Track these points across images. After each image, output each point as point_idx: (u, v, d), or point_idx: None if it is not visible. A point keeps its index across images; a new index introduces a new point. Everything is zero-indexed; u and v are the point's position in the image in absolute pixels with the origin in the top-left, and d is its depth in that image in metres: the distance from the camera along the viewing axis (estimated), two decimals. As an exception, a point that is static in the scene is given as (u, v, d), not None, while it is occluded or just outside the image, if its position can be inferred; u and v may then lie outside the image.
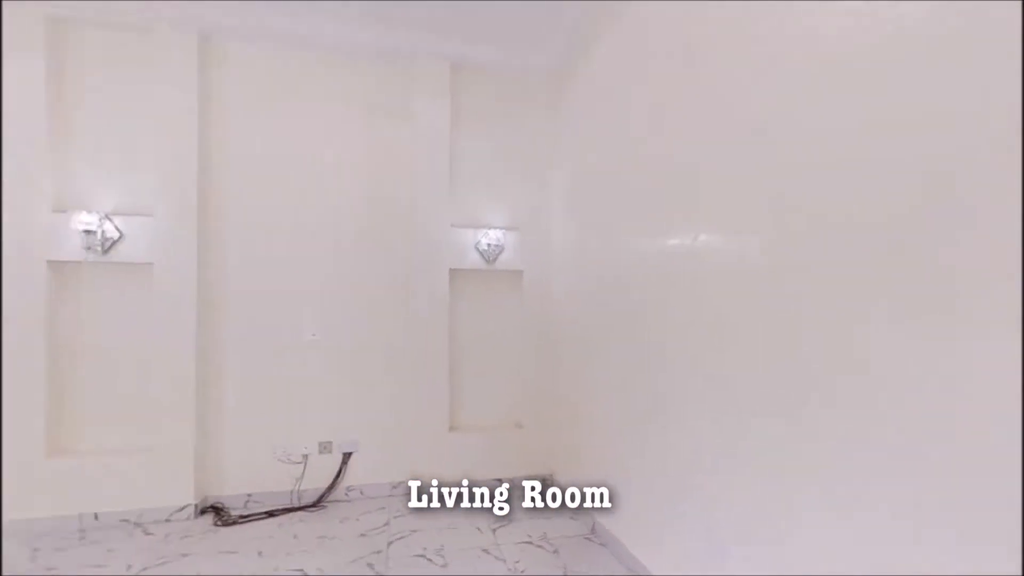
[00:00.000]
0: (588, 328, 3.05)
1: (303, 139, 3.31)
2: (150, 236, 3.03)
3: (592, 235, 3.01)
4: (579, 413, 3.15)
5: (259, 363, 3.22)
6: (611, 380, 2.71)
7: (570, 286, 3.35)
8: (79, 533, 2.79)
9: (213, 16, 3.04)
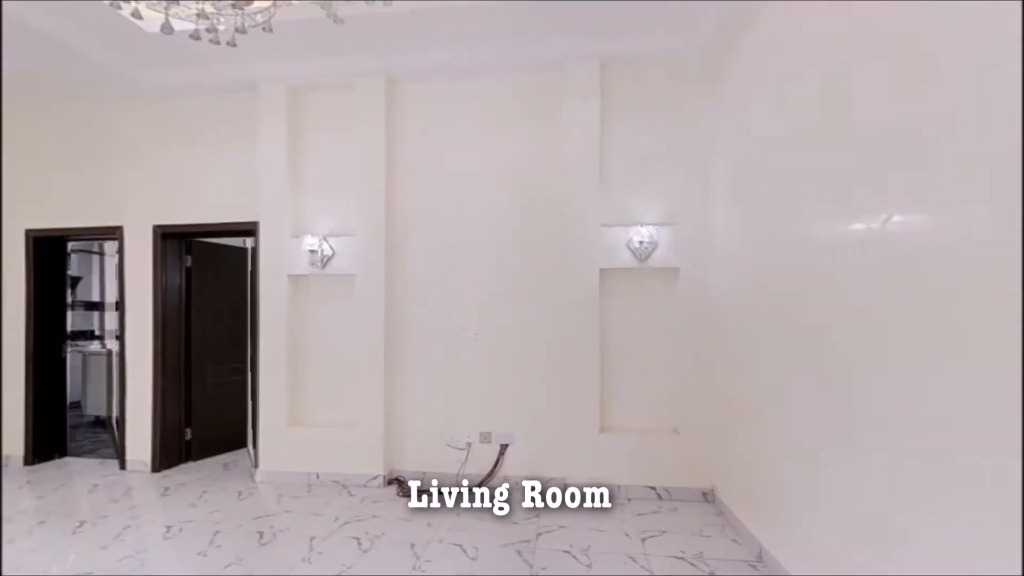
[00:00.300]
0: (754, 330, 2.69)
1: (464, 156, 3.68)
2: (353, 252, 3.72)
3: (760, 225, 2.65)
4: (744, 424, 2.79)
5: (431, 357, 3.67)
6: (782, 390, 2.34)
7: (732, 283, 3.02)
8: (307, 487, 3.57)
9: (397, 62, 3.55)
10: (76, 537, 2.81)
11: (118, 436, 4.11)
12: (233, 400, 4.37)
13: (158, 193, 4.04)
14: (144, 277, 4.04)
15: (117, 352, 4.19)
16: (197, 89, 3.87)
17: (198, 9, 1.98)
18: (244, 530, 2.87)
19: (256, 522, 2.99)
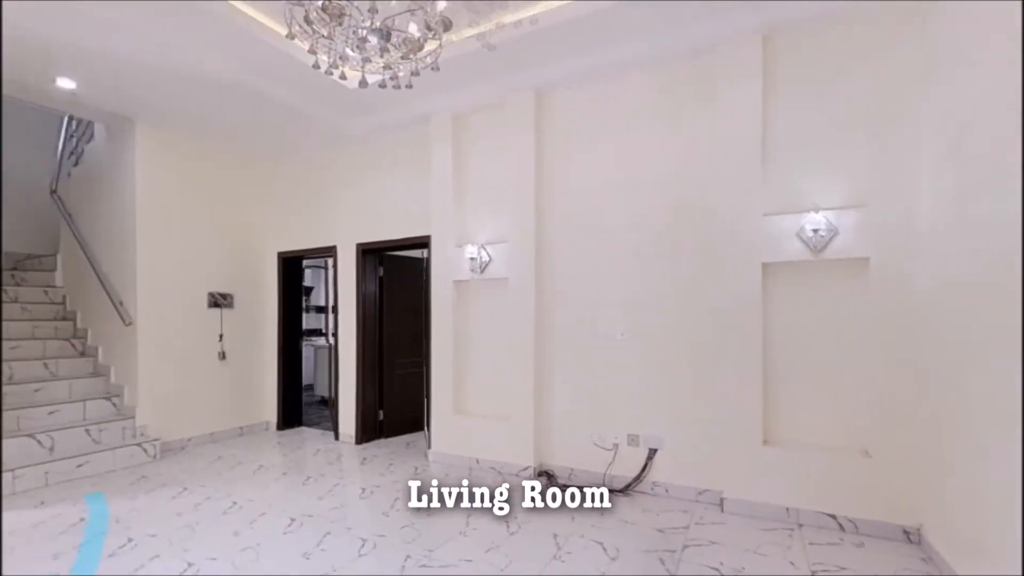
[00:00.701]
0: (983, 336, 2.10)
1: (610, 157, 3.67)
2: (506, 257, 4.02)
3: (988, 204, 2.07)
4: (973, 453, 2.19)
5: (578, 356, 3.74)
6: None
7: (946, 275, 2.41)
8: (469, 470, 3.98)
9: (545, 74, 3.69)
10: (304, 488, 3.64)
11: (333, 413, 5.15)
12: (414, 389, 5.10)
13: (358, 217, 4.96)
14: (350, 286, 5.00)
15: (332, 346, 5.27)
16: (384, 128, 4.65)
17: (384, 63, 2.40)
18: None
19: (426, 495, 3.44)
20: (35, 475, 3.61)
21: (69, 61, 3.45)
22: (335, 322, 5.16)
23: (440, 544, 2.71)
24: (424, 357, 4.41)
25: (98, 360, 4.73)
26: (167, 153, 4.67)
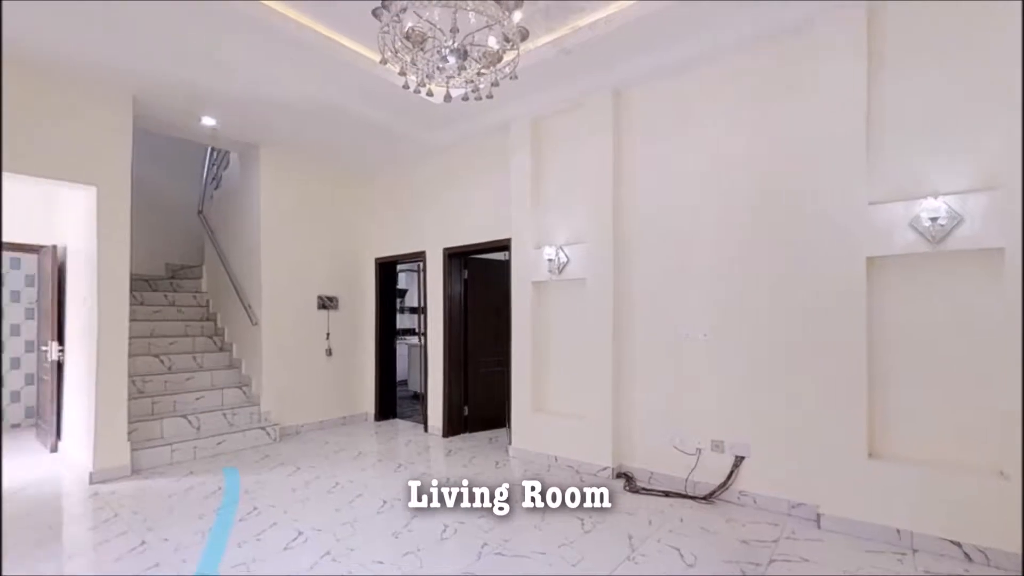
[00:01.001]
0: None
1: (690, 152, 3.55)
2: (584, 258, 4.03)
3: None
4: None
5: (658, 357, 3.65)
6: None
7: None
8: (547, 467, 4.06)
9: (622, 73, 3.62)
10: (396, 473, 3.96)
11: (423, 407, 5.50)
12: (497, 387, 5.28)
13: (444, 223, 5.27)
14: (437, 288, 5.32)
15: (422, 345, 5.64)
16: (466, 138, 4.90)
17: (466, 77, 2.50)
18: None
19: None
20: (186, 449, 4.32)
21: (210, 104, 4.13)
22: (424, 322, 5.51)
23: (515, 535, 2.81)
24: (506, 356, 4.57)
25: (233, 355, 5.53)
26: (284, 174, 5.34)
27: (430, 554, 2.59)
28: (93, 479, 3.72)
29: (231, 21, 2.98)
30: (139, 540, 2.77)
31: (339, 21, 3.17)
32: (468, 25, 2.32)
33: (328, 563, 2.50)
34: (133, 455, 3.97)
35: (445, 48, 2.33)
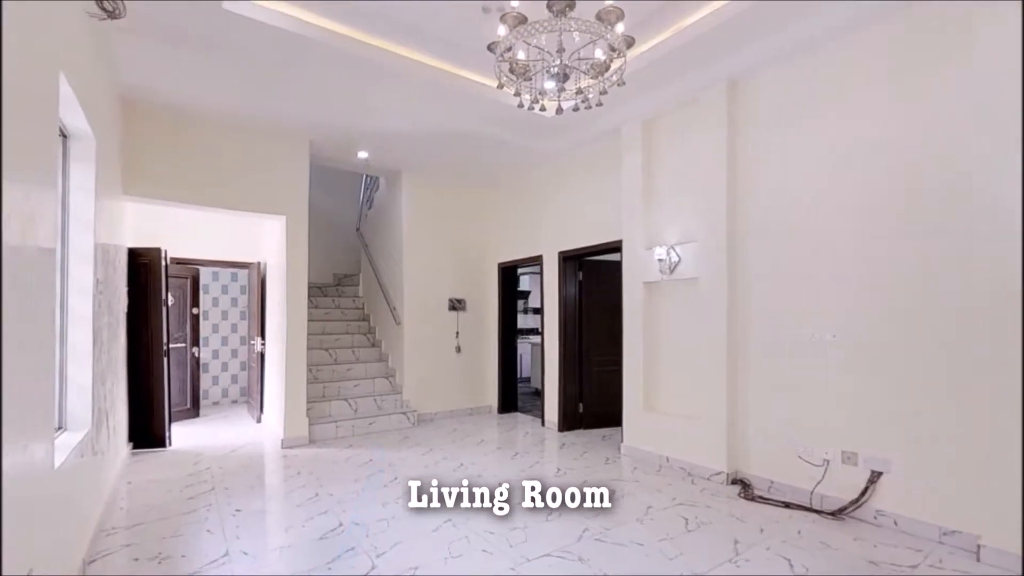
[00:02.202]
0: None
1: (816, 139, 3.26)
2: (696, 257, 3.93)
3: None
4: None
5: (778, 358, 3.39)
6: None
7: None
8: (658, 467, 4.01)
9: (738, 62, 3.45)
10: (513, 460, 4.30)
11: (541, 403, 5.78)
12: (611, 385, 5.31)
13: (558, 227, 5.51)
14: (553, 289, 5.58)
15: (540, 343, 5.93)
16: (578, 144, 5.08)
17: (576, 88, 2.64)
18: (604, 484, 3.58)
19: (612, 482, 3.66)
20: (347, 427, 5.22)
21: (364, 140, 4.99)
22: (541, 322, 5.80)
23: (617, 525, 2.90)
24: (620, 355, 4.61)
25: (382, 349, 6.47)
26: (421, 193, 6.11)
27: (535, 531, 2.83)
28: (283, 445, 4.73)
29: (379, 74, 3.61)
30: (313, 493, 3.50)
31: (462, 58, 3.62)
32: (574, 43, 2.49)
33: (449, 528, 2.88)
34: (310, 428, 4.94)
35: (546, 73, 2.54)
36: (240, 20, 2.92)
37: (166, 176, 4.24)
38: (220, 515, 3.10)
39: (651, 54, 3.42)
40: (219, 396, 7.08)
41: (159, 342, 4.72)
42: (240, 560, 2.53)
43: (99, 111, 2.83)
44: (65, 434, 2.44)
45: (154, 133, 4.18)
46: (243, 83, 3.75)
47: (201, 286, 6.60)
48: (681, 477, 3.75)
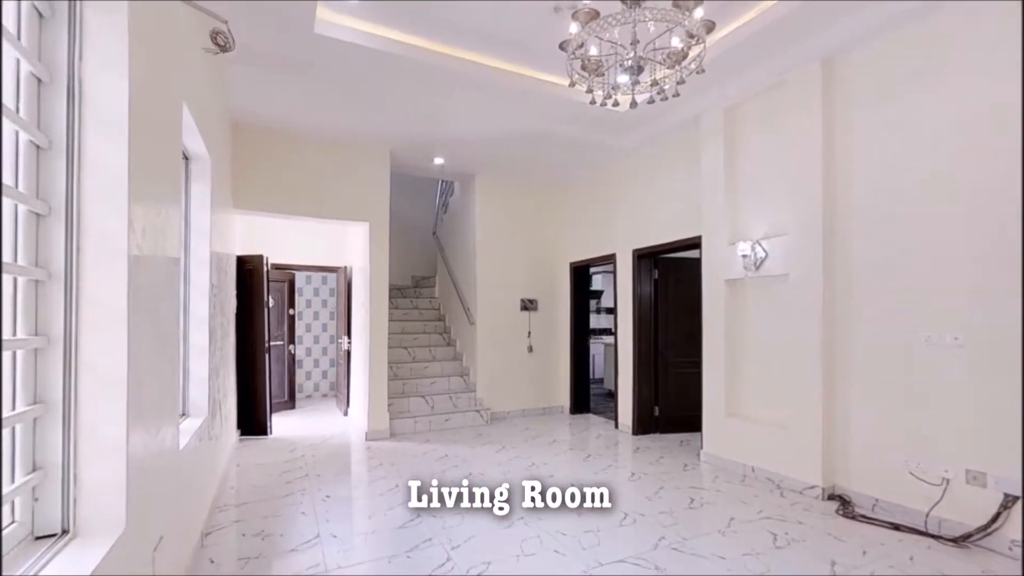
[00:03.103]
0: None
1: (932, 109, 2.89)
2: (785, 252, 3.65)
3: None
4: None
5: (884, 362, 3.05)
6: None
7: None
8: (742, 477, 3.76)
9: (833, 37, 3.16)
10: (584, 462, 4.25)
11: (614, 404, 5.65)
12: (690, 388, 5.07)
13: (632, 224, 5.36)
14: (627, 289, 5.44)
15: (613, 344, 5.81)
16: (652, 138, 4.91)
17: (652, 80, 2.55)
18: (680, 493, 3.44)
19: (691, 490, 3.50)
20: (424, 422, 5.45)
21: (440, 147, 5.19)
22: (614, 322, 5.68)
23: (696, 536, 2.77)
24: (699, 357, 4.39)
25: (456, 348, 6.67)
26: (493, 195, 6.23)
27: (608, 535, 2.77)
28: (367, 437, 5.04)
29: (455, 82, 3.75)
30: (394, 483, 3.69)
31: (533, 60, 3.66)
32: (648, 33, 2.41)
33: (521, 526, 2.91)
34: (391, 423, 5.22)
35: (620, 67, 2.48)
36: (329, 42, 3.16)
37: (267, 190, 4.69)
38: (312, 499, 3.37)
39: (733, 38, 3.24)
40: (311, 390, 7.70)
41: (261, 340, 5.23)
42: (330, 542, 2.73)
43: (213, 134, 3.20)
44: (187, 420, 2.78)
45: (257, 151, 4.64)
46: (331, 101, 4.05)
47: (296, 289, 7.21)
48: (768, 489, 3.50)
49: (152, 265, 1.66)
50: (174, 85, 2.05)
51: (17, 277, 1.17)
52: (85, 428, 1.29)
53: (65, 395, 1.26)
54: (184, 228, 2.91)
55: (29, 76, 1.20)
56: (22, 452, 1.19)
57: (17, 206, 1.16)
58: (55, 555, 1.18)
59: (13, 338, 1.17)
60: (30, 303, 1.21)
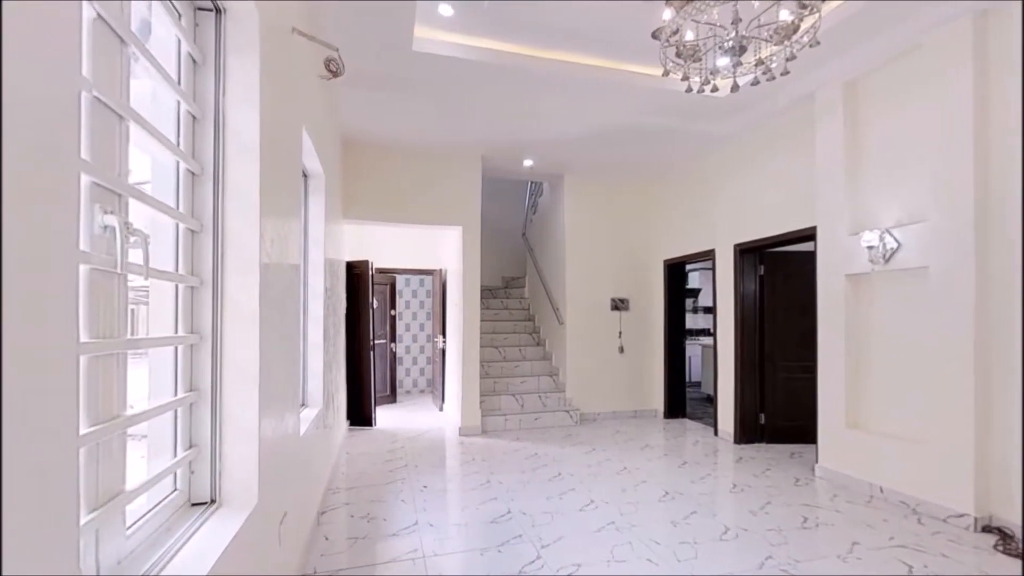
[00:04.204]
0: None
1: None
2: (924, 241, 3.17)
3: None
4: None
5: (1058, 376, 2.54)
6: None
7: None
8: (868, 497, 3.33)
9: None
10: (679, 470, 4.04)
11: (713, 410, 5.30)
12: (801, 395, 4.62)
13: (734, 217, 5.01)
14: (728, 286, 5.09)
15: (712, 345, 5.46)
16: (754, 123, 4.54)
17: (756, 60, 2.34)
18: (791, 510, 3.14)
19: (804, 508, 3.17)
20: (514, 421, 5.55)
21: (529, 149, 5.27)
22: (713, 322, 5.34)
23: (810, 559, 2.51)
24: (813, 361, 3.98)
25: (545, 348, 6.71)
26: (582, 193, 6.18)
27: (707, 549, 2.62)
28: (460, 432, 5.25)
29: (544, 83, 3.77)
30: (485, 479, 3.82)
31: (622, 53, 3.55)
32: (752, 10, 2.26)
33: (612, 531, 2.86)
34: (482, 419, 5.38)
35: (719, 50, 2.33)
36: (425, 58, 3.35)
37: (371, 200, 5.09)
38: (411, 488, 3.59)
39: (853, 3, 2.88)
40: (410, 386, 8.19)
41: (367, 339, 5.68)
42: (427, 530, 2.89)
43: (327, 153, 3.55)
44: (306, 410, 3.11)
45: (362, 165, 5.06)
46: (427, 113, 4.30)
47: (397, 291, 7.72)
48: (902, 514, 3.06)
49: (278, 271, 1.88)
50: (295, 112, 2.30)
51: (179, 284, 1.40)
52: (228, 413, 1.50)
53: (213, 384, 1.47)
54: (303, 238, 3.26)
55: (186, 114, 1.42)
56: (182, 431, 1.42)
57: (178, 225, 1.39)
58: (206, 520, 1.39)
59: (176, 335, 1.39)
60: (187, 306, 1.43)
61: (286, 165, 2.06)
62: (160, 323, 1.39)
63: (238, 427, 1.51)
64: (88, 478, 0.97)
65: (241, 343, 1.52)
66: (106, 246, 0.99)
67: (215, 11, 1.49)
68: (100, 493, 1.01)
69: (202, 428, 1.47)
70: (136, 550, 1.14)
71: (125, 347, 1.07)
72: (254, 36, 1.55)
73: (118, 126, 1.06)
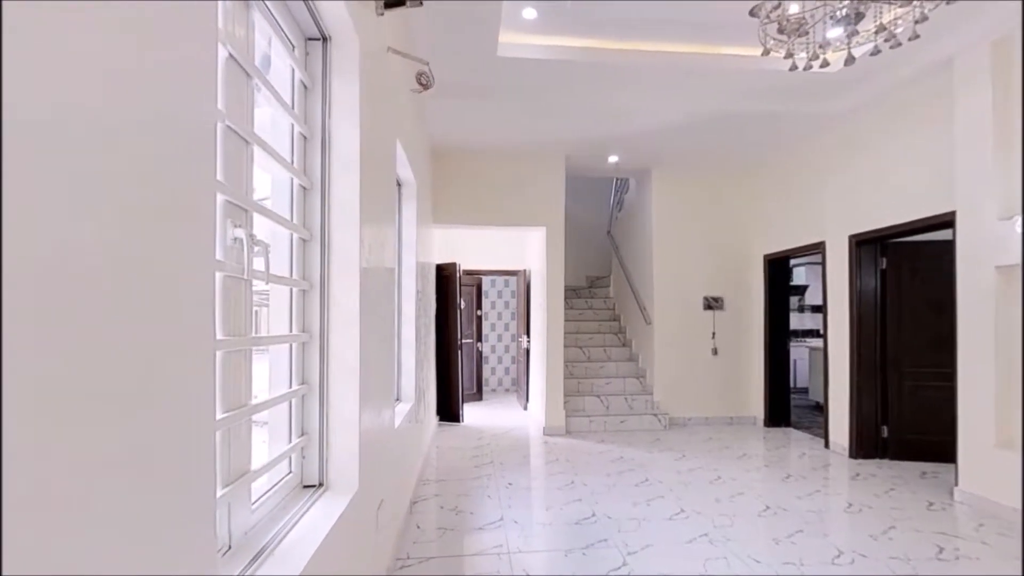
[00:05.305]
0: None
1: None
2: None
3: None
4: None
5: None
6: None
7: None
8: None
9: None
10: (783, 483, 3.71)
11: (824, 419, 4.80)
12: (934, 406, 4.02)
13: (848, 206, 4.49)
14: (841, 282, 4.58)
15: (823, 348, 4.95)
16: (874, 96, 3.97)
17: (876, 26, 2.07)
18: (921, 537, 2.75)
19: (939, 536, 2.76)
20: (599, 422, 5.45)
21: (613, 145, 5.17)
22: (824, 322, 4.84)
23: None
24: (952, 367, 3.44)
25: (632, 349, 6.51)
26: (671, 187, 5.92)
27: (816, 572, 2.39)
28: (544, 432, 5.28)
29: (630, 76, 3.68)
30: (569, 480, 3.80)
31: (716, 35, 3.35)
32: None
33: (705, 543, 2.70)
34: (566, 420, 5.36)
35: (829, 20, 2.12)
36: (510, 63, 3.42)
37: (459, 204, 5.29)
38: (496, 485, 3.68)
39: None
40: (496, 384, 8.38)
41: (455, 338, 5.91)
42: (512, 527, 2.94)
43: (418, 162, 3.75)
44: (400, 404, 3.31)
45: (450, 171, 5.27)
46: (512, 116, 4.38)
47: (483, 292, 7.94)
48: (1073, 555, 2.56)
49: (375, 275, 2.02)
50: (390, 126, 2.47)
51: (293, 288, 1.56)
52: (333, 405, 1.65)
53: (321, 378, 1.63)
54: (397, 243, 3.48)
55: (299, 135, 1.58)
56: (296, 420, 1.58)
57: (292, 234, 1.55)
58: (315, 501, 1.54)
59: (290, 334, 1.56)
60: (299, 308, 1.60)
61: (382, 176, 2.21)
62: (277, 323, 1.56)
63: (342, 418, 1.65)
64: (222, 457, 1.12)
65: (344, 341, 1.66)
66: (236, 255, 1.14)
67: (322, 39, 1.64)
68: (232, 471, 1.16)
69: (312, 418, 1.62)
70: (259, 524, 1.29)
71: (250, 344, 1.22)
72: (355, 60, 1.68)
73: (245, 150, 1.21)
